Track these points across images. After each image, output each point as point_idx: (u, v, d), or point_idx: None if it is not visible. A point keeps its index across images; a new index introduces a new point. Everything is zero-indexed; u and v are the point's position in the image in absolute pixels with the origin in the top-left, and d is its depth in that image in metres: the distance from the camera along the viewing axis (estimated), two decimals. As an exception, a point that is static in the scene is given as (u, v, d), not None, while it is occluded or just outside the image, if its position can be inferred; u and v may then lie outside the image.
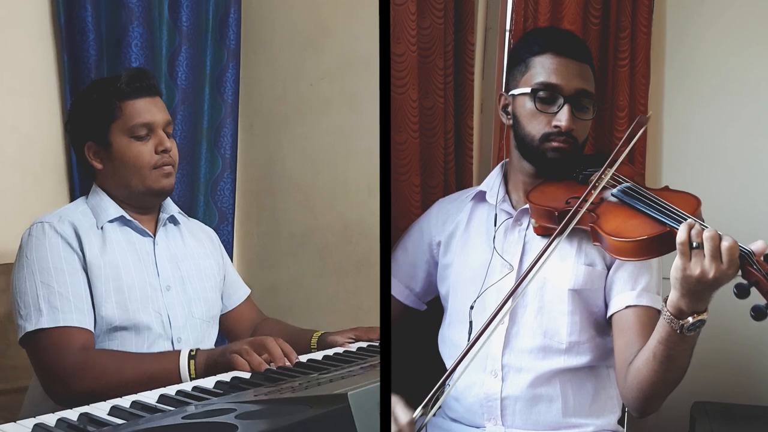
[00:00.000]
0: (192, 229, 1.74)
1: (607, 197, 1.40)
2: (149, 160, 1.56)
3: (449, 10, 1.93)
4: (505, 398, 1.44)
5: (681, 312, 1.19)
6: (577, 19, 2.13)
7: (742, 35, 2.25)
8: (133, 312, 1.51)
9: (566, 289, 1.43)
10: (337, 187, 2.40)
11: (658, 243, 1.26)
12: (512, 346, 1.44)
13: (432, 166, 1.91)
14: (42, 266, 1.47)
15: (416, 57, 1.82)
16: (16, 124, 2.07)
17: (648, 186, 1.41)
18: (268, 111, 2.58)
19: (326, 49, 2.41)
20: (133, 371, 1.39)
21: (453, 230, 1.59)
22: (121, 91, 1.55)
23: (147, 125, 1.56)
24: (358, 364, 1.36)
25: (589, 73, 1.48)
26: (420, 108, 1.86)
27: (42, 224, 1.51)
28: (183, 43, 2.36)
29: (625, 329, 1.39)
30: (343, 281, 2.39)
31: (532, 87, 1.46)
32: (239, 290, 1.80)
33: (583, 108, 1.47)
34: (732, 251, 1.14)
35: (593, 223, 1.35)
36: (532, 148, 1.47)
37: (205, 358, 1.40)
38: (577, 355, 1.44)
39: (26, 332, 1.44)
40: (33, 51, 2.10)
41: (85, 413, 1.12)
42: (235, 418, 0.97)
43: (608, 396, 1.48)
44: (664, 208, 1.29)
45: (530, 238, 1.48)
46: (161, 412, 1.13)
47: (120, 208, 1.58)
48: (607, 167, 1.41)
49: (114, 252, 1.54)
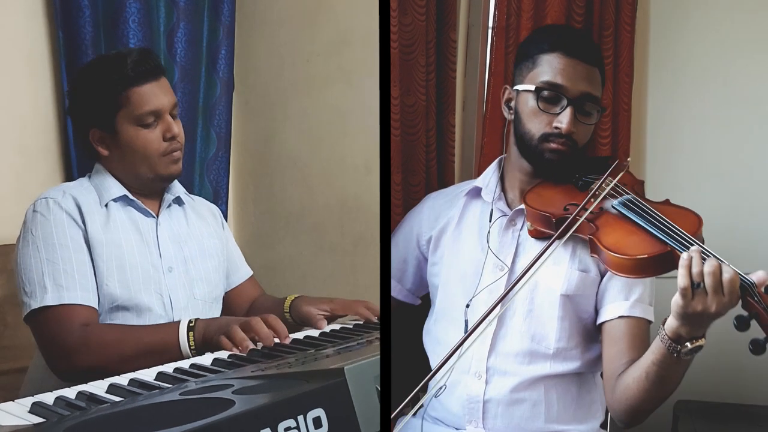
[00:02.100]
0: (196, 207, 1.73)
1: (607, 208, 1.36)
2: (158, 147, 1.54)
3: (431, 7, 1.91)
4: (487, 401, 1.42)
5: (680, 337, 1.18)
6: (561, 17, 2.10)
7: (727, 33, 2.25)
8: (135, 292, 1.51)
9: (558, 294, 1.40)
10: (335, 165, 2.40)
11: (657, 262, 1.24)
12: (498, 349, 1.42)
13: (413, 164, 1.90)
14: (47, 243, 1.46)
15: (397, 54, 1.81)
16: (11, 104, 2.06)
17: (648, 198, 1.38)
18: (265, 88, 2.57)
19: (323, 26, 2.39)
20: (133, 343, 1.40)
21: (444, 226, 1.56)
22: (127, 77, 1.51)
23: (154, 112, 1.53)
24: (355, 340, 1.37)
25: (597, 77, 1.44)
26: (401, 105, 1.84)
27: (46, 200, 1.50)
28: (181, 19, 2.33)
29: (615, 339, 1.37)
30: (341, 259, 2.39)
31: (537, 85, 1.42)
32: (241, 269, 1.79)
33: (587, 112, 1.43)
34: (733, 284, 1.12)
35: (592, 234, 1.32)
36: (530, 146, 1.44)
37: (203, 330, 1.41)
38: (563, 361, 1.41)
39: (31, 309, 1.43)
40: (27, 28, 2.08)
41: (83, 391, 1.12)
42: (232, 394, 0.97)
43: (592, 400, 1.46)
44: (666, 226, 1.26)
45: (524, 239, 1.45)
46: (159, 389, 1.13)
47: (123, 188, 1.57)
48: (608, 176, 1.38)
49: (117, 231, 1.53)
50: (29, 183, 2.06)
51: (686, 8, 2.35)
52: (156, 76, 1.55)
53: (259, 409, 0.91)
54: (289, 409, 0.92)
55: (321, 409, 0.94)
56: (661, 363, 1.21)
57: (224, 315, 1.71)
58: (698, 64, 2.28)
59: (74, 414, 1.02)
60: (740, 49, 2.27)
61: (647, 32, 2.38)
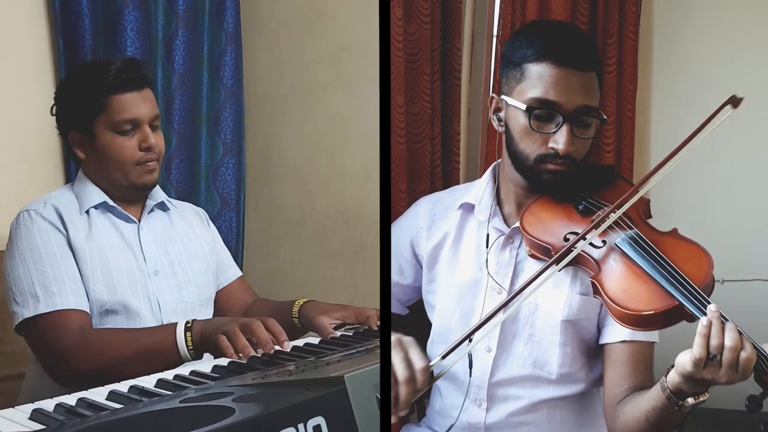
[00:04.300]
0: (182, 212, 1.73)
1: (610, 242, 1.24)
2: (132, 156, 1.55)
3: (436, 16, 1.92)
4: (489, 427, 1.36)
5: (681, 392, 1.12)
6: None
7: (731, 41, 2.25)
8: (123, 296, 1.51)
9: (559, 320, 1.31)
10: (334, 172, 2.40)
11: (664, 318, 1.15)
12: (499, 376, 1.34)
13: (418, 171, 1.91)
14: (34, 253, 1.48)
15: (403, 62, 1.82)
16: (12, 110, 2.06)
17: (653, 224, 1.28)
18: (265, 95, 2.57)
19: (324, 33, 2.40)
20: (131, 345, 1.40)
21: (441, 240, 1.45)
22: (108, 84, 1.53)
23: (132, 121, 1.55)
24: (355, 348, 1.36)
25: (593, 82, 1.29)
26: (406, 113, 1.86)
27: (28, 212, 1.53)
28: (180, 26, 2.34)
29: (617, 363, 1.30)
30: (341, 266, 2.39)
31: (527, 104, 1.27)
32: (229, 270, 1.79)
33: (585, 124, 1.29)
34: (750, 363, 1.05)
35: (595, 277, 1.22)
36: (526, 167, 1.31)
37: (201, 330, 1.40)
38: (567, 384, 1.34)
39: (24, 318, 1.44)
40: (27, 35, 2.09)
41: (83, 398, 1.12)
42: (232, 402, 0.97)
43: (596, 415, 1.40)
44: (674, 276, 1.16)
45: (522, 257, 1.35)
46: (159, 396, 1.13)
47: (104, 194, 1.59)
48: (612, 210, 1.25)
49: (100, 237, 1.54)
50: (30, 189, 2.06)
51: (689, 15, 2.36)
52: (139, 86, 1.56)
53: (259, 418, 0.91)
54: (289, 417, 0.92)
55: (321, 418, 0.94)
56: (662, 410, 1.16)
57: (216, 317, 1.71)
58: (703, 70, 2.29)
59: (74, 421, 1.01)
60: (744, 55, 2.28)
61: (651, 40, 2.38)
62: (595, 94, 1.31)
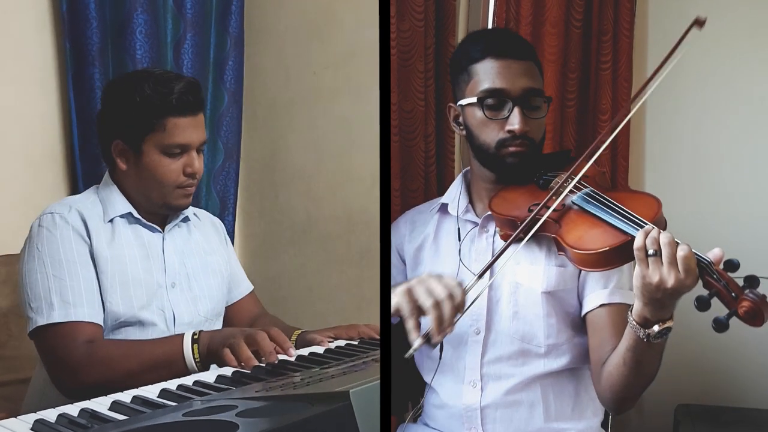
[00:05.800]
0: (200, 224, 1.72)
1: (568, 204, 1.37)
2: (175, 179, 1.53)
3: (430, 13, 1.91)
4: (485, 407, 1.42)
5: (646, 321, 1.20)
6: (559, 22, 2.12)
7: (726, 38, 2.23)
8: (138, 309, 1.50)
9: (539, 292, 1.41)
10: (341, 177, 2.39)
11: (620, 252, 1.24)
12: (490, 355, 1.42)
13: (412, 170, 1.90)
14: (54, 259, 1.46)
15: (396, 60, 1.81)
16: (17, 114, 2.06)
17: (621, 185, 1.39)
18: (271, 99, 2.57)
19: (331, 38, 2.39)
20: (139, 358, 1.39)
21: (422, 242, 1.55)
22: (170, 105, 1.50)
23: (183, 146, 1.53)
24: (360, 358, 1.36)
25: (534, 70, 1.44)
26: (399, 111, 1.85)
27: (52, 215, 1.49)
28: (188, 30, 2.33)
29: (598, 328, 1.38)
30: (346, 271, 2.38)
31: (478, 96, 1.42)
32: (241, 285, 1.78)
33: (534, 107, 1.43)
34: (687, 260, 1.13)
35: (556, 233, 1.34)
36: (489, 155, 1.44)
37: (208, 341, 1.40)
38: (556, 357, 1.42)
39: (37, 326, 1.43)
40: (34, 38, 2.09)
41: (86, 409, 1.11)
42: (235, 416, 0.96)
43: (590, 398, 1.46)
44: (624, 215, 1.27)
45: (499, 244, 1.44)
46: (162, 407, 1.12)
47: (129, 205, 1.57)
48: (569, 177, 1.38)
49: (122, 246, 1.53)
50: (35, 193, 2.06)
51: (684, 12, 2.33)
52: (195, 111, 1.54)
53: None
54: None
55: (326, 434, 0.93)
56: (635, 348, 1.23)
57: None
58: (697, 67, 2.27)
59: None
60: (739, 52, 2.27)
61: (645, 37, 2.38)
62: (538, 78, 1.45)
